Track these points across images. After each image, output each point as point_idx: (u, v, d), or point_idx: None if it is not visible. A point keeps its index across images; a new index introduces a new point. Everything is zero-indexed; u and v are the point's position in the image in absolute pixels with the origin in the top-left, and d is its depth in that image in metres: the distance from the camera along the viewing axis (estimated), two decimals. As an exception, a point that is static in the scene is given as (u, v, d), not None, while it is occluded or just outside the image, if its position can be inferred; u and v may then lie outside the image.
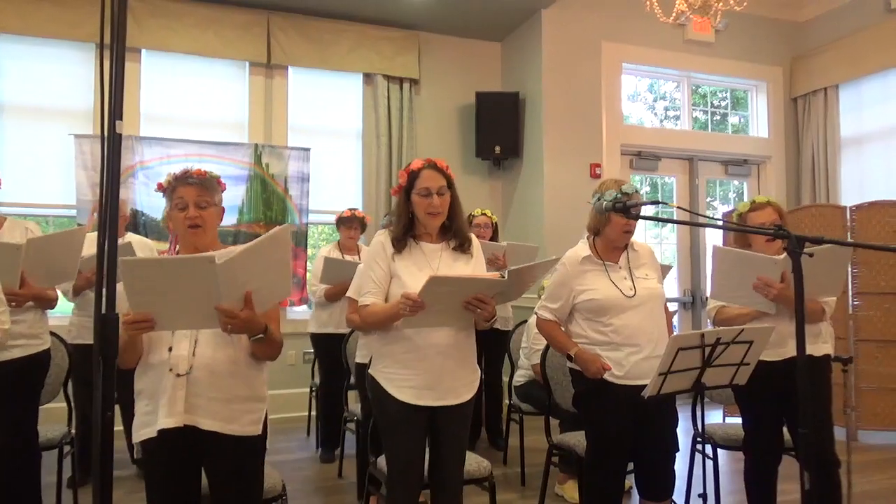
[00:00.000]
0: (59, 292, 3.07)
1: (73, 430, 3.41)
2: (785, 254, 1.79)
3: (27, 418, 2.81)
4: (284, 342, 2.11)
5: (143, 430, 1.97)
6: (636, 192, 2.58)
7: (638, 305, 2.57)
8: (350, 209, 4.61)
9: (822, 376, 2.81)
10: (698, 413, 2.88)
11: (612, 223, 2.57)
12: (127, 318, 1.76)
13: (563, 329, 2.71)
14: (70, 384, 3.35)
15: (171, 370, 1.93)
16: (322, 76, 5.95)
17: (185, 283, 1.74)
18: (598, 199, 2.56)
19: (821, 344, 2.82)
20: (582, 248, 2.69)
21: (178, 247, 2.13)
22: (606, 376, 2.53)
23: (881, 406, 4.94)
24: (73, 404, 3.33)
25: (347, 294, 3.40)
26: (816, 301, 2.75)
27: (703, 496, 2.65)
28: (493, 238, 4.66)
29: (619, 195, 2.50)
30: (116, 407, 3.60)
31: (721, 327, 2.98)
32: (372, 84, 5.99)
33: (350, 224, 4.49)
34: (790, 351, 2.73)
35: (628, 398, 2.49)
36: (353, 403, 4.11)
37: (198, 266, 1.74)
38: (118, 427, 2.95)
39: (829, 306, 2.84)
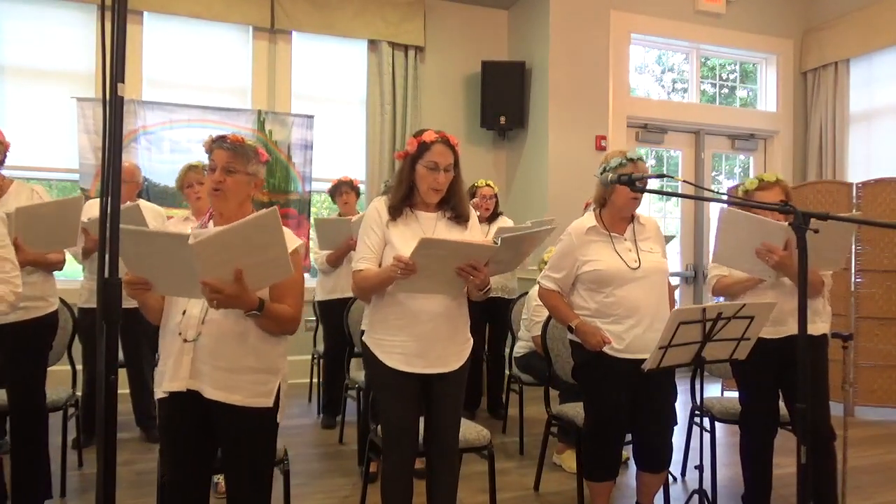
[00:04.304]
0: (67, 254, 3.04)
1: (78, 393, 3.45)
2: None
3: (35, 379, 2.83)
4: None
5: (158, 389, 2.02)
6: (640, 158, 2.56)
7: (641, 278, 2.57)
8: (336, 179, 4.54)
9: (819, 355, 2.81)
10: (697, 387, 2.90)
11: (618, 191, 2.55)
12: (125, 279, 1.80)
13: (565, 300, 2.72)
14: (73, 347, 3.38)
15: (179, 334, 1.96)
16: (326, 42, 5.87)
17: (166, 255, 1.78)
18: (605, 171, 2.54)
19: (819, 324, 2.82)
20: (588, 219, 2.68)
21: (210, 212, 2.13)
22: (606, 349, 2.54)
23: (878, 382, 4.97)
24: (81, 366, 3.33)
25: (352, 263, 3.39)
26: (817, 273, 2.74)
27: (700, 468, 2.68)
28: (495, 209, 4.63)
29: (623, 161, 2.51)
30: (122, 371, 3.68)
31: (720, 297, 2.99)
32: (377, 51, 5.91)
33: (339, 190, 4.44)
34: (789, 329, 2.73)
35: (627, 371, 2.50)
36: (356, 371, 4.14)
37: (172, 243, 1.78)
38: (124, 390, 3.00)
39: (828, 279, 2.84)
